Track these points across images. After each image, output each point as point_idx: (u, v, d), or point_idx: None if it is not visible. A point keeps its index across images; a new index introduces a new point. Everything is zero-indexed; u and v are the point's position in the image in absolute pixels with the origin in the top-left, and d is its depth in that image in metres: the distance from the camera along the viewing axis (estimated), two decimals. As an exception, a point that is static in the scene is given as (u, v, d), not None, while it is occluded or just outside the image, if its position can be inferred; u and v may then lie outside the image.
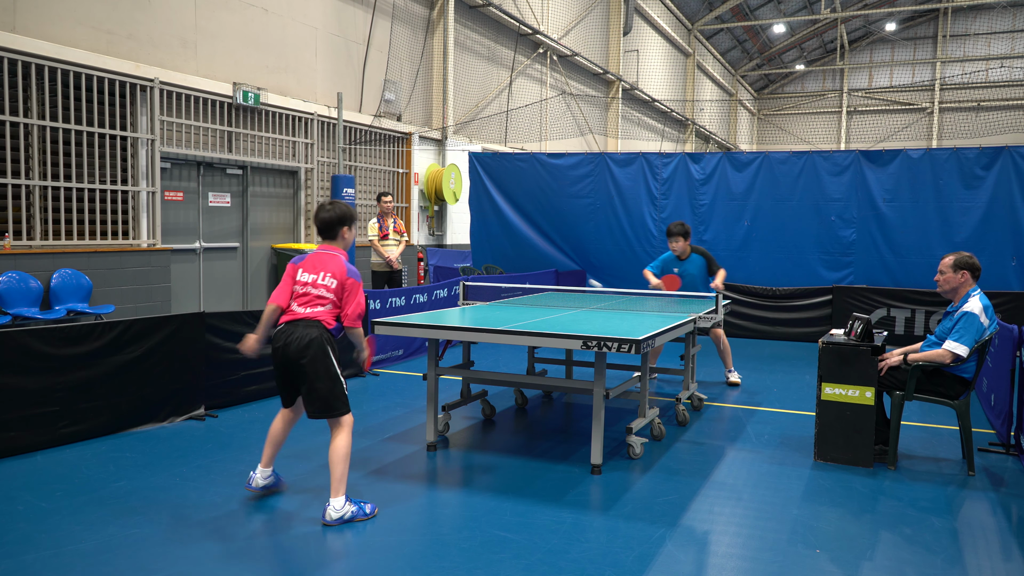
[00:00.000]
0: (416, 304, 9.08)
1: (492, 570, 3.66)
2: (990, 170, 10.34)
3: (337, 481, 4.21)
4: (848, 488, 4.90)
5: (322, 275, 4.30)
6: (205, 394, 6.35)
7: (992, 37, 33.48)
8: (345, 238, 4.46)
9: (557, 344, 4.89)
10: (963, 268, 5.29)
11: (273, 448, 4.55)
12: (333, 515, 4.16)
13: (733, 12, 31.02)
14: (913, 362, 5.25)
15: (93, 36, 8.88)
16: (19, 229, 8.31)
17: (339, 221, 4.41)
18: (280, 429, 4.56)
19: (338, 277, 4.29)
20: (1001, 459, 5.59)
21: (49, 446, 5.35)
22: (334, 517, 4.16)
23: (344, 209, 4.43)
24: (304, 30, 12.06)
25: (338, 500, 4.19)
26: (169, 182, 10.07)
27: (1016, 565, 3.87)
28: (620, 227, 12.07)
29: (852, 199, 10.90)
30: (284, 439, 4.60)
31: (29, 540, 3.89)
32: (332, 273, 4.30)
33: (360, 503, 4.30)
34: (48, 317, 7.84)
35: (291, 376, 4.34)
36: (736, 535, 4.16)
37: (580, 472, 5.09)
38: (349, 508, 4.21)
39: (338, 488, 4.21)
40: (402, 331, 5.39)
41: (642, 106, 26.32)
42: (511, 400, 7.09)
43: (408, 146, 14.86)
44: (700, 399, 7.00)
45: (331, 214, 4.39)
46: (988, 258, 9.88)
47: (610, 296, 7.85)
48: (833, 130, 37.02)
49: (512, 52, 18.14)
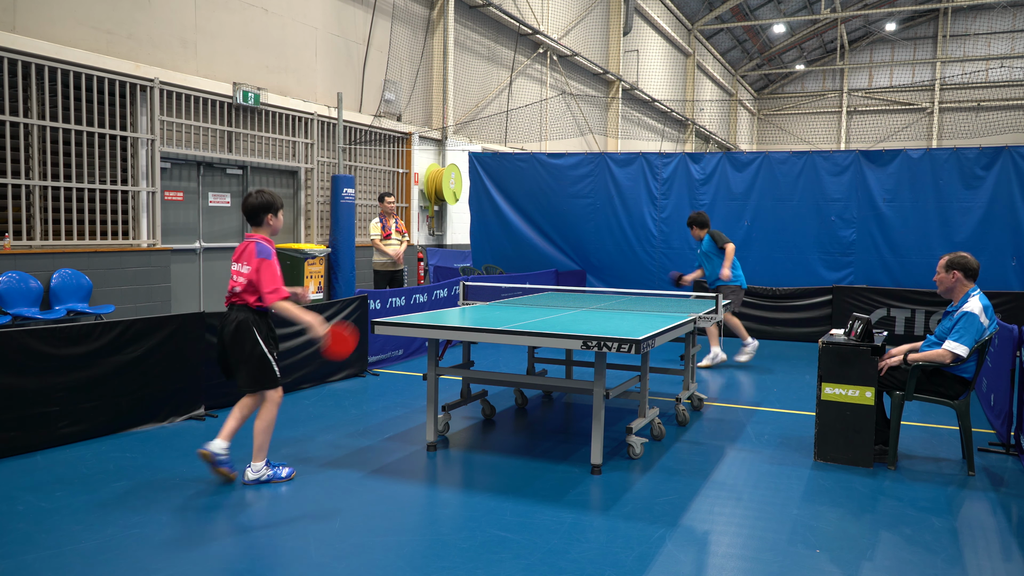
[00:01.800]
0: (416, 304, 9.08)
1: (492, 570, 3.66)
2: (990, 170, 10.34)
3: (258, 449, 4.71)
4: (848, 488, 4.90)
5: (242, 263, 4.68)
6: (205, 394, 6.35)
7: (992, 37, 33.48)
8: (271, 224, 4.76)
9: (557, 344, 4.89)
10: (954, 268, 5.31)
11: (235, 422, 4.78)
12: (251, 476, 4.70)
13: (733, 12, 31.02)
14: (913, 362, 5.25)
15: (93, 36, 8.88)
16: (19, 229, 8.31)
17: (263, 208, 4.71)
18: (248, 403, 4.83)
19: (251, 262, 4.62)
20: (1001, 459, 5.59)
21: (49, 446, 5.36)
22: (251, 478, 4.70)
23: (269, 197, 4.73)
24: (304, 30, 12.06)
25: (257, 464, 4.72)
26: (169, 182, 10.07)
27: (1016, 565, 3.87)
28: (620, 227, 12.07)
29: (852, 199, 10.90)
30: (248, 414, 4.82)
31: (29, 540, 3.89)
32: (247, 260, 4.65)
33: (276, 466, 4.82)
34: (48, 317, 7.84)
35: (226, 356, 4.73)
36: (736, 535, 4.16)
37: (580, 472, 5.09)
38: (266, 471, 4.74)
39: (258, 455, 4.72)
40: (402, 331, 5.39)
41: (642, 106, 26.32)
42: (511, 400, 7.09)
43: (408, 146, 14.86)
44: (700, 399, 7.00)
45: (257, 201, 4.71)
46: (988, 258, 9.88)
47: (610, 296, 7.85)
48: (833, 130, 37.02)
49: (512, 52, 18.14)
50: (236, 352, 4.64)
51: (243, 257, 4.67)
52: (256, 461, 4.72)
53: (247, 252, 4.65)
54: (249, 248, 4.65)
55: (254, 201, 4.70)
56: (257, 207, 4.69)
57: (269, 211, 4.71)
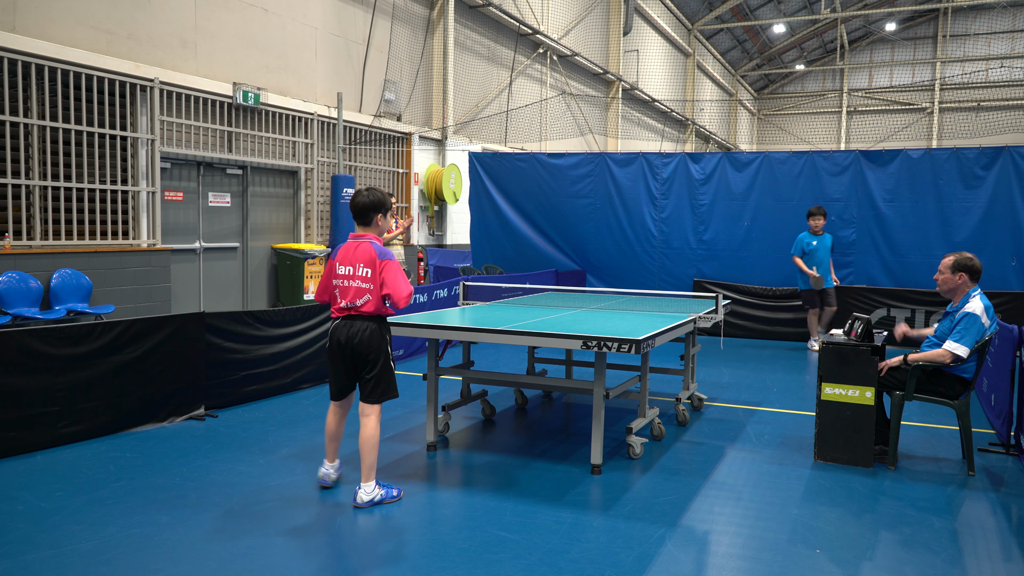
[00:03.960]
0: (416, 304, 9.07)
1: (492, 570, 3.66)
2: (990, 170, 10.34)
3: (369, 467, 4.44)
4: (848, 488, 4.90)
5: (357, 266, 4.39)
6: (205, 394, 6.35)
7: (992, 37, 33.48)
8: (379, 225, 4.53)
9: (557, 344, 4.89)
10: (961, 270, 5.29)
11: (334, 443, 4.72)
12: (364, 497, 4.41)
13: (733, 12, 31.02)
14: (913, 362, 5.25)
15: (93, 36, 8.88)
16: (19, 229, 8.31)
17: (374, 207, 4.47)
18: (334, 424, 4.70)
19: (370, 265, 4.37)
20: (1001, 459, 5.59)
21: (49, 446, 5.35)
22: (364, 500, 4.40)
23: (380, 196, 4.50)
24: (304, 30, 12.06)
25: (369, 484, 4.44)
26: (169, 182, 10.07)
27: (1016, 565, 3.87)
28: (620, 227, 12.07)
29: (852, 199, 10.90)
30: (341, 432, 4.73)
31: (29, 540, 3.89)
32: (364, 262, 4.38)
33: (388, 487, 4.54)
34: (48, 317, 7.84)
35: (349, 367, 4.48)
36: (736, 535, 4.16)
37: (580, 472, 5.09)
38: (379, 491, 4.46)
39: (370, 473, 4.44)
40: (402, 331, 5.38)
41: (642, 106, 26.32)
42: (511, 400, 7.09)
43: (408, 146, 14.86)
44: (700, 399, 6.99)
45: (368, 199, 4.46)
46: (988, 258, 9.87)
47: (610, 296, 7.85)
48: (833, 130, 37.01)
49: (512, 52, 18.14)
50: (371, 362, 4.39)
51: (357, 258, 4.38)
52: (367, 481, 4.44)
53: (362, 253, 4.38)
54: (365, 249, 4.39)
55: (364, 200, 4.44)
56: (367, 206, 4.44)
57: (380, 210, 4.47)
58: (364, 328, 4.38)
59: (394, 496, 4.51)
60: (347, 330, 4.41)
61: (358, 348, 4.39)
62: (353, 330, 4.39)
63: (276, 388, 7.02)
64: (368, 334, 4.38)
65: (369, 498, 4.41)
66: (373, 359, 4.41)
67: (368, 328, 4.39)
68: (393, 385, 4.52)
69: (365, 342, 4.38)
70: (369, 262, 4.37)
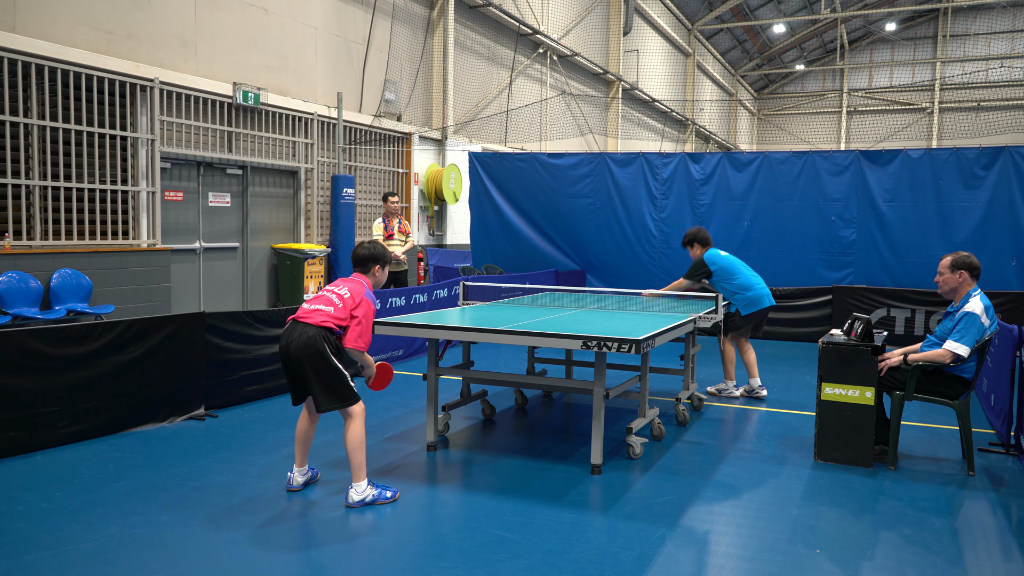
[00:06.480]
0: (416, 304, 9.07)
1: (492, 570, 3.66)
2: (990, 170, 10.34)
3: (356, 468, 4.46)
4: (848, 488, 4.90)
5: (341, 287, 4.58)
6: (205, 394, 6.35)
7: (992, 37, 33.47)
8: (376, 275, 4.75)
9: (557, 344, 4.89)
10: (960, 268, 5.29)
11: (303, 447, 4.73)
12: (355, 497, 4.43)
13: (733, 12, 31.02)
14: (913, 362, 5.25)
15: (93, 36, 8.87)
16: (19, 229, 8.30)
17: (373, 259, 4.73)
18: (304, 428, 4.72)
19: (353, 293, 4.52)
20: (1001, 459, 5.59)
21: (49, 446, 5.35)
22: (355, 499, 4.43)
23: (381, 250, 4.77)
24: (304, 30, 12.06)
25: (360, 484, 4.46)
26: (169, 182, 10.06)
27: (1016, 565, 3.87)
28: (620, 227, 12.07)
29: (852, 199, 10.90)
30: (311, 437, 4.74)
31: (29, 540, 3.89)
32: (349, 288, 4.56)
33: (382, 487, 4.55)
34: (48, 317, 7.84)
35: (293, 372, 4.50)
36: (736, 535, 4.16)
37: (580, 472, 5.09)
38: (371, 491, 4.48)
39: (358, 474, 4.47)
40: (402, 331, 5.38)
41: (642, 106, 26.32)
42: (511, 400, 7.09)
43: (408, 146, 14.85)
44: (700, 399, 7.00)
45: (368, 251, 4.73)
46: (988, 258, 9.88)
47: (610, 296, 7.85)
48: (833, 130, 37.01)
49: (512, 52, 18.14)
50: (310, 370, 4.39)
51: (346, 283, 4.60)
52: (358, 481, 4.47)
53: (354, 283, 4.59)
54: (358, 282, 4.60)
55: (365, 252, 4.71)
56: (367, 257, 4.71)
57: (378, 263, 4.74)
58: (304, 332, 4.38)
59: (388, 497, 4.51)
60: (289, 334, 4.45)
61: (295, 353, 4.38)
62: (294, 334, 4.41)
63: (276, 388, 7.02)
64: (306, 339, 4.35)
65: (360, 498, 4.43)
66: (312, 367, 4.36)
67: (307, 333, 4.37)
68: (346, 391, 4.43)
69: (302, 345, 4.35)
70: (354, 291, 4.53)
